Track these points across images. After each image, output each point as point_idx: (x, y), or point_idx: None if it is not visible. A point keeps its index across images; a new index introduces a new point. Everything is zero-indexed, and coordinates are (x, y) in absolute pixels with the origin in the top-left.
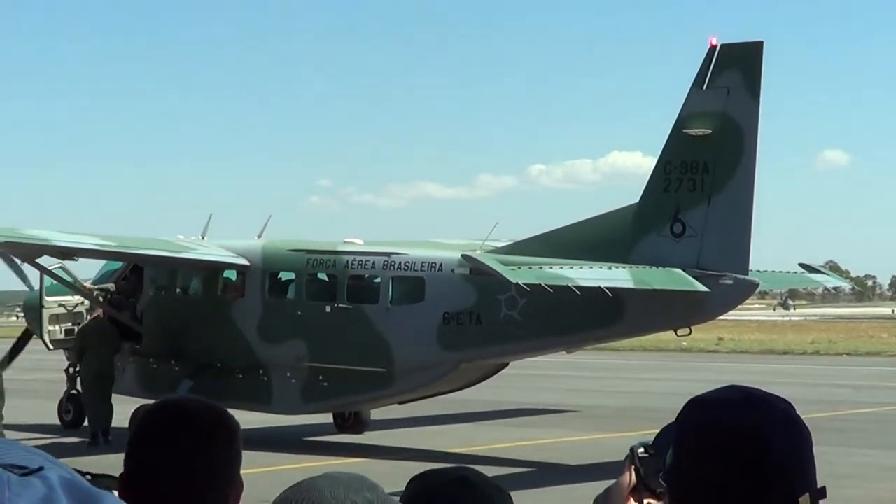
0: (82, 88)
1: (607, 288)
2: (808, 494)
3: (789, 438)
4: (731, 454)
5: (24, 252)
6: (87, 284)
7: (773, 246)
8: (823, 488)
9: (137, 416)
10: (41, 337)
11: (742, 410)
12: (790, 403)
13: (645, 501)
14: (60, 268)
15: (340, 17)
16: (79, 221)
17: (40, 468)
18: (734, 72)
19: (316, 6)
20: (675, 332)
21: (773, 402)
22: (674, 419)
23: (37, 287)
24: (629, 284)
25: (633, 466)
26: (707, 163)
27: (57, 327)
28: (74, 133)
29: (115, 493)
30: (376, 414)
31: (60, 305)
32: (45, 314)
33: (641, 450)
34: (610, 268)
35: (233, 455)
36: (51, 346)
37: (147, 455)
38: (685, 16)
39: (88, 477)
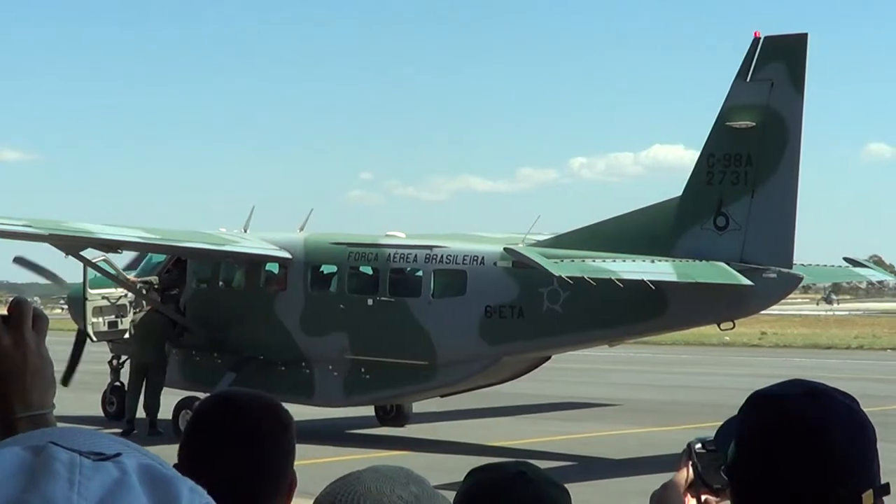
0: (122, 78)
1: (650, 281)
2: (871, 490)
3: (852, 433)
4: (795, 449)
5: (68, 244)
6: (131, 277)
7: (817, 240)
8: (887, 484)
9: (195, 407)
10: (84, 329)
11: (805, 404)
12: (853, 398)
13: (703, 497)
14: (104, 260)
15: (383, 8)
16: (122, 214)
17: (117, 454)
18: (778, 64)
19: None
20: (719, 326)
21: (836, 396)
22: (717, 414)
23: (68, 281)
24: (672, 278)
25: (689, 462)
26: (751, 156)
27: (100, 319)
28: (118, 125)
29: None
30: (418, 407)
31: (104, 298)
32: (89, 306)
33: (699, 445)
34: (653, 261)
35: (285, 448)
36: (94, 339)
37: (200, 447)
38: (729, 7)
39: None
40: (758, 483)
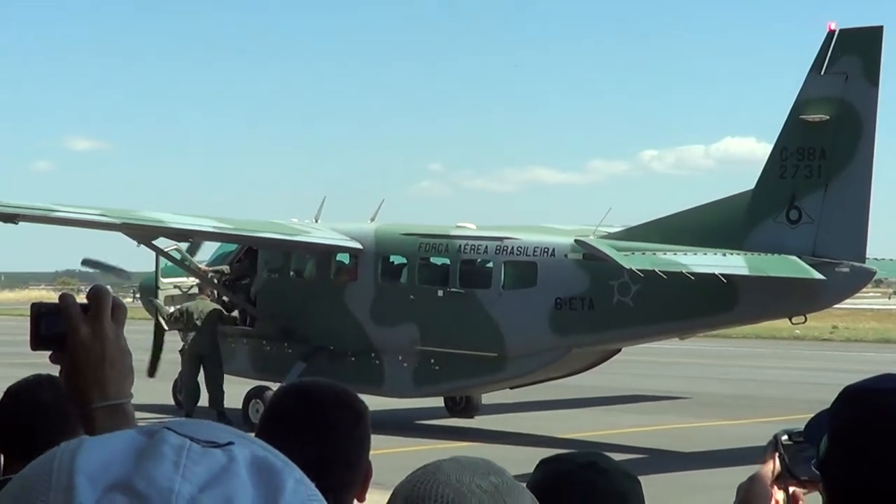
0: (194, 68)
1: (722, 275)
2: None
3: None
4: (888, 443)
5: (141, 234)
6: (203, 266)
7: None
8: None
9: (271, 397)
10: (156, 318)
11: None
12: None
13: (790, 489)
14: (175, 249)
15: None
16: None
17: (229, 443)
18: (853, 57)
19: None
20: (790, 319)
21: None
22: (789, 408)
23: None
24: (744, 271)
25: (776, 454)
26: (824, 149)
27: (173, 308)
28: (189, 115)
29: None
30: (487, 398)
31: (175, 287)
32: (161, 295)
33: (785, 437)
34: (725, 254)
35: (360, 438)
36: (167, 328)
37: (275, 436)
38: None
39: None
40: (851, 478)
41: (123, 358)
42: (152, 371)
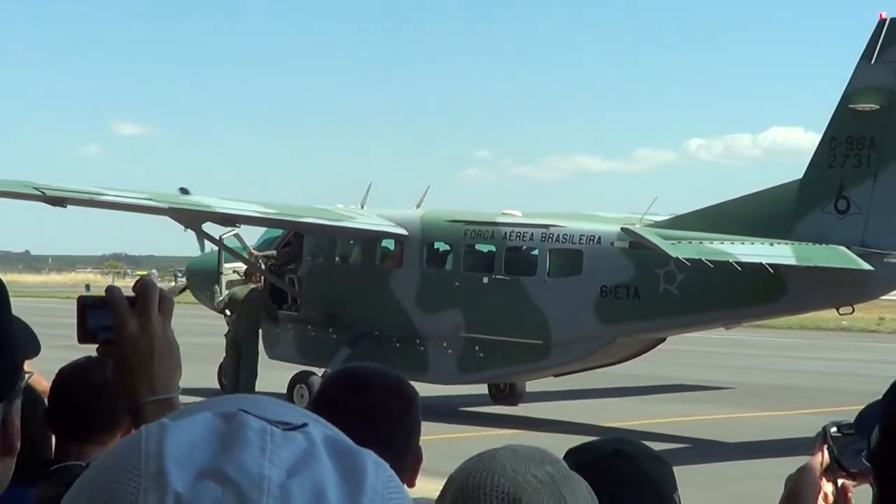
0: (242, 55)
1: (769, 264)
2: None
3: None
4: None
5: (187, 218)
6: (252, 251)
7: None
8: None
9: (322, 381)
10: (210, 302)
11: None
12: None
13: (839, 481)
14: (235, 235)
15: None
16: (240, 190)
17: (304, 424)
18: None
19: None
20: (837, 310)
21: None
22: (834, 399)
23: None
24: (791, 261)
25: (825, 446)
26: (874, 139)
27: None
28: (236, 101)
29: None
30: (531, 386)
31: (235, 272)
32: (224, 280)
33: (834, 429)
34: (772, 244)
35: (409, 424)
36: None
37: (326, 420)
38: None
39: None
40: None
41: (171, 352)
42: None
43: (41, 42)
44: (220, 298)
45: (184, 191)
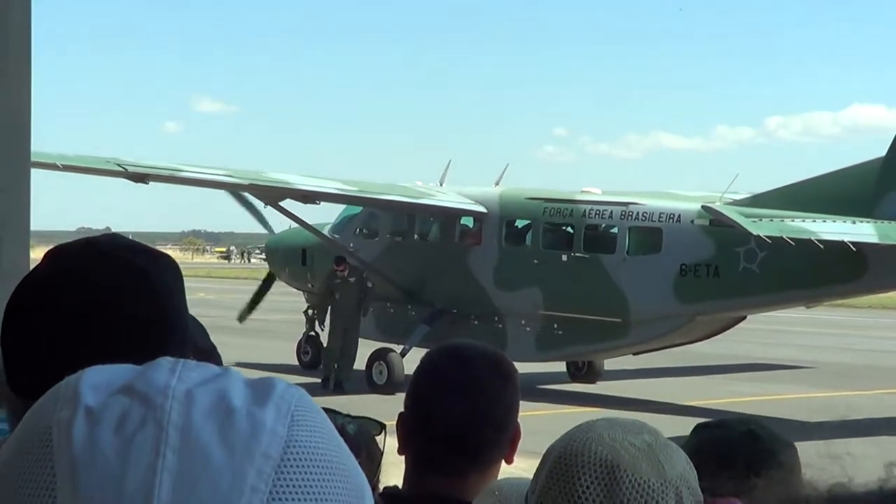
0: (322, 34)
1: (851, 242)
2: None
3: None
4: None
5: (267, 195)
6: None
7: None
8: None
9: (424, 357)
10: (294, 280)
11: None
12: None
13: None
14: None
15: None
16: (319, 167)
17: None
18: None
19: None
20: None
21: None
22: None
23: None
24: (874, 239)
25: None
26: None
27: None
28: (316, 82)
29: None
30: (609, 364)
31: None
32: (314, 257)
33: None
34: (854, 222)
35: (507, 401)
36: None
37: (426, 394)
38: None
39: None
40: None
41: None
42: (244, 317)
43: (123, 18)
44: (322, 282)
45: None
